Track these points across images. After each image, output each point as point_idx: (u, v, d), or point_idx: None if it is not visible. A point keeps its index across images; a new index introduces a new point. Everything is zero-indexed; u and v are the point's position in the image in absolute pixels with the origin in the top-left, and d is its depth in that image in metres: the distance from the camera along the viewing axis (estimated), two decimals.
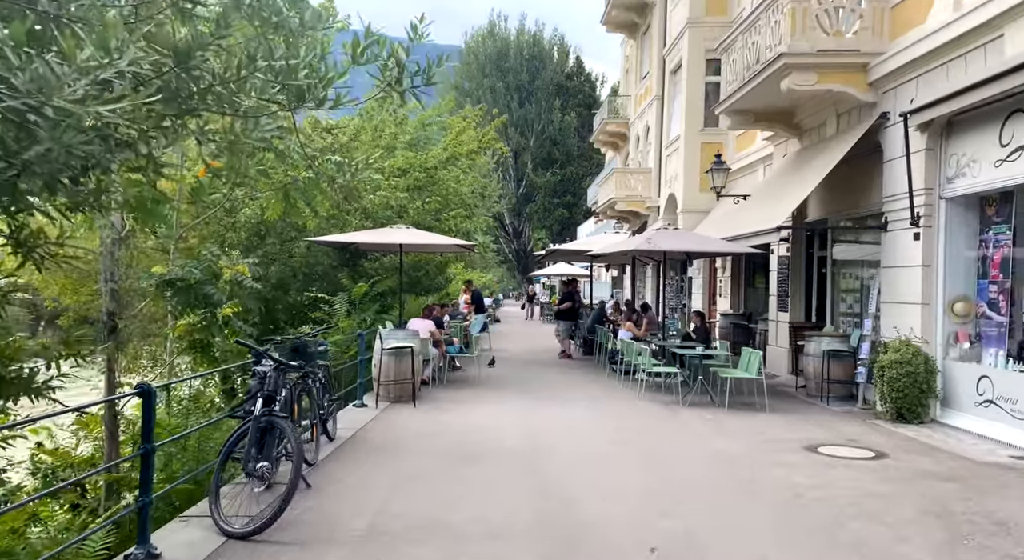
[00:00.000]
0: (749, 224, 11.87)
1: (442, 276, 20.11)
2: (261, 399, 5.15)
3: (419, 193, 15.33)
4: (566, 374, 14.24)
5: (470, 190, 16.80)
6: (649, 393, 11.36)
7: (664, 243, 11.38)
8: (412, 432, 8.40)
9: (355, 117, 16.19)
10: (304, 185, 9.37)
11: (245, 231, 13.20)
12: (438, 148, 16.67)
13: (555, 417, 9.47)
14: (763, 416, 9.76)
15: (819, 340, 11.25)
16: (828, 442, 8.10)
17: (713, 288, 20.84)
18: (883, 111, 10.27)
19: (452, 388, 12.02)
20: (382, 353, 10.28)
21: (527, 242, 65.36)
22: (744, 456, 7.38)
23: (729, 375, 10.25)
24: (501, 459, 7.10)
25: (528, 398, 10.97)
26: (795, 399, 11.36)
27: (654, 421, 9.38)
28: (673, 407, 10.36)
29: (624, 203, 27.31)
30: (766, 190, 13.47)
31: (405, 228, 12.33)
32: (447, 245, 13.02)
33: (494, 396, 11.17)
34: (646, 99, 28.31)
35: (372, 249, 13.95)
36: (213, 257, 7.02)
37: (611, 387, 12.37)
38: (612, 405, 10.55)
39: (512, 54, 67.28)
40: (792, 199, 10.97)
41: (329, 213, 12.70)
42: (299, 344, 6.69)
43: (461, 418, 9.27)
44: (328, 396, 7.77)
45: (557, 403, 10.60)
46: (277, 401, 5.25)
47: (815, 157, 11.88)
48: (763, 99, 12.30)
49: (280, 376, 5.60)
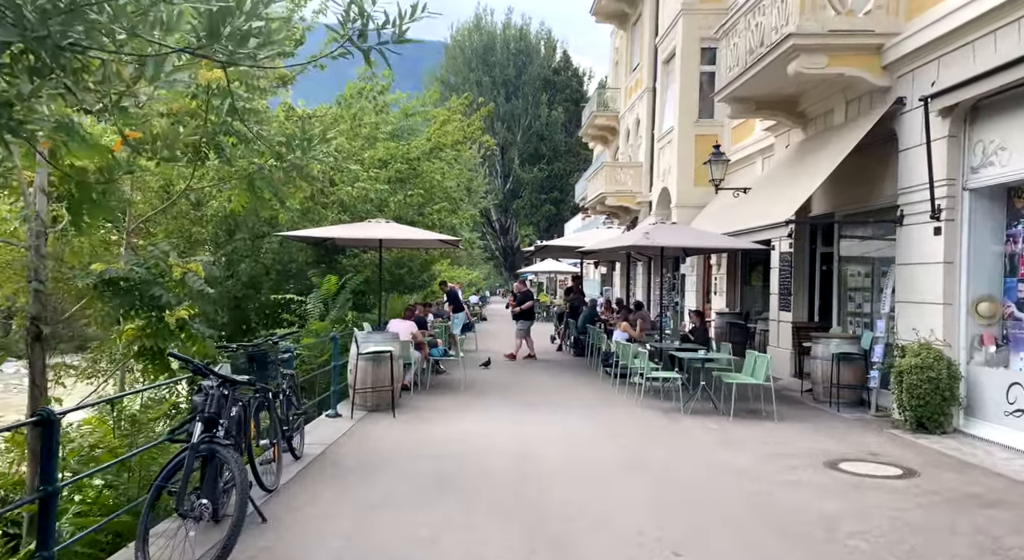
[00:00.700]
0: (753, 218, 11.12)
1: (426, 274, 19.27)
2: (201, 423, 4.31)
3: (401, 186, 14.48)
4: (557, 377, 13.45)
5: (456, 183, 15.97)
6: (647, 399, 10.60)
7: (662, 238, 10.62)
8: (389, 447, 7.58)
9: (332, 106, 15.31)
10: (271, 173, 8.51)
11: (213, 225, 12.29)
12: (421, 139, 15.81)
13: (546, 428, 8.67)
14: (771, 425, 9.02)
15: (827, 342, 10.53)
16: (848, 456, 7.35)
17: (707, 286, 20.13)
18: (899, 96, 9.54)
19: (435, 394, 11.21)
20: (358, 358, 9.45)
21: (514, 239, 64.61)
22: (759, 474, 6.62)
23: (734, 381, 9.50)
24: (486, 482, 6.29)
25: (517, 405, 10.17)
26: (802, 405, 10.63)
27: (654, 432, 8.61)
28: (673, 415, 9.60)
29: (614, 198, 26.57)
30: (769, 183, 12.73)
31: (385, 222, 11.49)
32: (430, 241, 12.20)
33: (480, 403, 10.37)
34: (636, 91, 27.57)
35: (350, 244, 13.09)
36: (161, 254, 6.16)
37: (605, 392, 11.60)
38: (608, 413, 9.77)
39: (498, 48, 66.56)
40: (801, 191, 10.22)
41: (303, 206, 11.82)
42: (257, 353, 5.85)
43: (443, 430, 8.46)
44: (294, 409, 6.94)
45: (548, 410, 9.81)
46: (221, 424, 4.42)
47: (823, 147, 11.14)
48: (767, 85, 11.55)
49: (230, 393, 4.77)
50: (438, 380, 12.58)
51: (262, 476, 5.78)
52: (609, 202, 26.80)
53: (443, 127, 16.02)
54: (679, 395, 10.61)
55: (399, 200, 13.57)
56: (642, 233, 10.94)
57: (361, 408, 9.55)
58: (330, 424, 8.72)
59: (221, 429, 4.40)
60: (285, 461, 6.68)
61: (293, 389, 7.00)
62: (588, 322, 16.96)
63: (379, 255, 11.97)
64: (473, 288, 44.04)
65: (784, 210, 10.09)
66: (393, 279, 16.26)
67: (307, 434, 7.95)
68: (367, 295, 15.86)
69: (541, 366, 15.28)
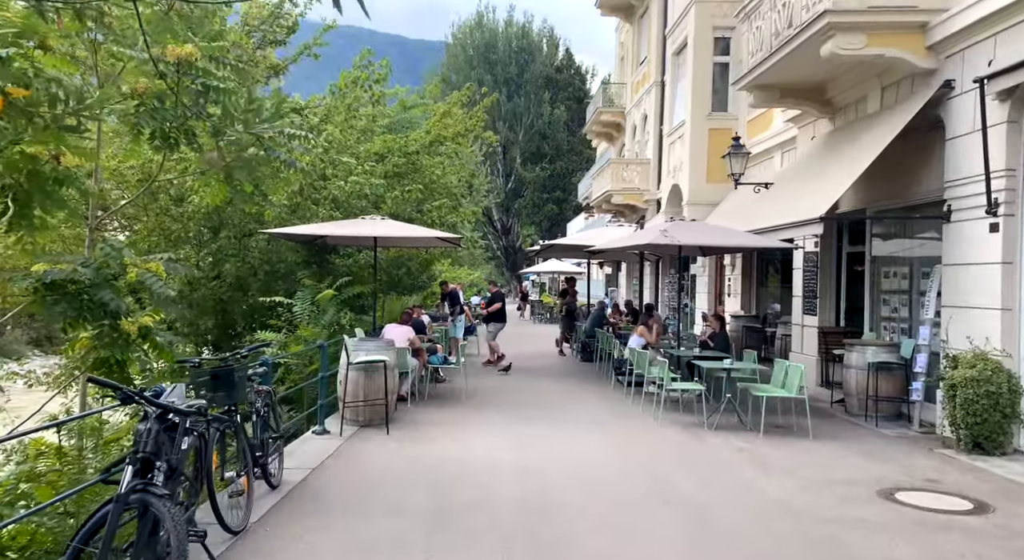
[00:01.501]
0: (780, 215, 10.21)
1: (426, 275, 18.36)
2: (132, 466, 3.42)
3: (399, 181, 13.57)
4: (565, 386, 12.54)
5: (457, 178, 15.06)
6: (665, 412, 9.68)
7: (682, 236, 9.71)
8: (380, 473, 6.67)
9: (326, 97, 14.39)
10: (251, 161, 7.63)
11: (195, 222, 11.39)
12: (420, 131, 14.91)
13: (556, 448, 7.77)
14: (806, 444, 8.12)
15: (863, 350, 9.63)
16: (903, 484, 6.45)
17: (719, 287, 19.23)
18: (947, 79, 8.63)
19: (434, 405, 10.31)
20: (348, 368, 8.55)
21: (516, 239, 63.80)
22: (810, 509, 5.71)
23: (764, 393, 8.59)
24: (489, 519, 5.39)
25: (523, 420, 9.26)
26: (834, 419, 9.73)
27: (679, 453, 7.70)
28: (696, 431, 8.69)
29: (620, 196, 25.67)
30: (794, 177, 11.82)
31: (380, 219, 10.61)
32: (429, 238, 11.31)
33: (483, 417, 9.47)
34: (644, 86, 26.67)
35: (343, 243, 12.19)
36: (112, 252, 5.27)
37: (619, 403, 10.69)
38: (624, 429, 8.87)
39: (500, 46, 65.95)
40: (836, 185, 9.31)
41: (291, 202, 10.91)
42: (222, 370, 4.96)
43: (442, 450, 7.56)
44: (271, 432, 6.05)
45: (558, 426, 8.90)
46: (159, 468, 3.51)
47: (856, 137, 10.24)
48: (794, 70, 10.65)
49: (181, 423, 3.89)
50: (437, 390, 11.68)
51: (228, 514, 4.89)
52: (615, 200, 25.91)
53: (443, 119, 15.11)
54: (700, 407, 9.72)
55: (396, 196, 12.66)
56: (659, 231, 10.04)
57: (352, 423, 8.66)
58: (316, 442, 7.82)
59: (160, 473, 3.50)
60: (260, 491, 5.79)
61: (270, 408, 6.11)
62: (596, 325, 16.05)
63: (374, 255, 11.10)
64: (475, 289, 43.15)
65: (816, 206, 9.18)
66: (391, 280, 15.36)
67: (290, 455, 7.08)
68: (364, 297, 14.98)
69: (548, 372, 14.37)
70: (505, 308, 14.57)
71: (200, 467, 4.37)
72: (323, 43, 16.26)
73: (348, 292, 10.76)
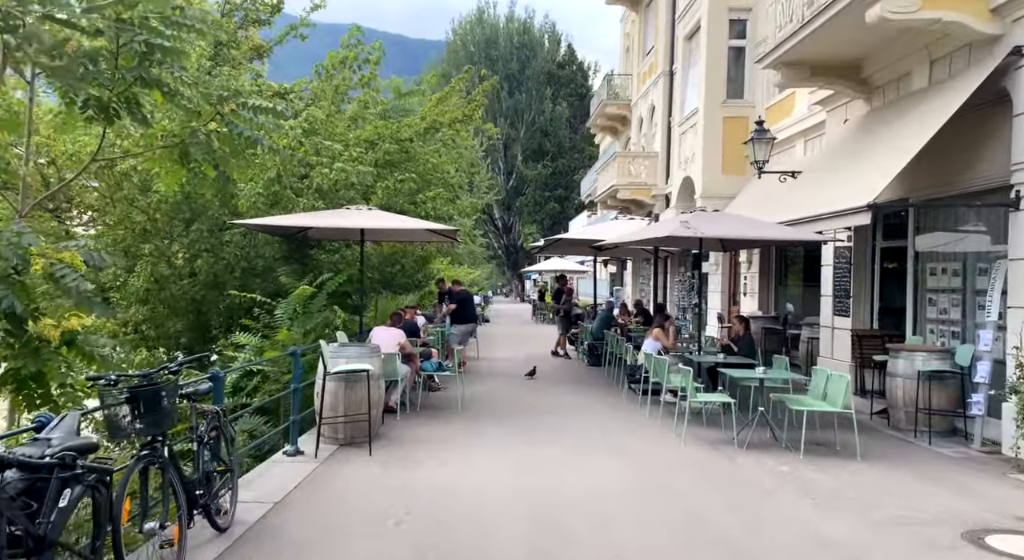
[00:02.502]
0: (817, 204, 9.09)
1: (421, 273, 17.25)
2: None
3: (391, 171, 12.44)
4: (573, 394, 11.41)
5: (454, 168, 13.93)
6: (688, 427, 8.56)
7: (705, 227, 8.59)
8: (356, 507, 5.56)
9: (312, 81, 13.26)
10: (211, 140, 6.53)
11: (162, 213, 10.27)
12: (415, 117, 13.78)
13: (565, 474, 6.64)
14: (855, 466, 7.00)
15: (911, 357, 8.51)
16: (990, 523, 5.33)
17: (734, 286, 18.11)
18: (1016, 45, 7.51)
19: (426, 417, 9.19)
20: (325, 378, 7.43)
21: (517, 237, 62.77)
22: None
23: (804, 407, 7.46)
24: None
25: (525, 437, 8.14)
26: (878, 434, 8.60)
27: (712, 480, 6.57)
28: (726, 450, 7.57)
29: (627, 191, 24.55)
30: (826, 165, 10.70)
31: (368, 209, 9.49)
32: (421, 231, 10.19)
33: (480, 433, 8.34)
34: (651, 76, 25.56)
35: (328, 237, 11.06)
36: (14, 238, 4.17)
37: (633, 416, 9.56)
38: (642, 449, 7.73)
39: (501, 42, 65.08)
40: (882, 171, 8.19)
41: (268, 191, 9.78)
42: (143, 391, 3.84)
43: (432, 476, 6.43)
44: (219, 462, 4.93)
45: (568, 444, 7.77)
46: None
47: (900, 117, 9.13)
48: (830, 44, 9.55)
49: (55, 476, 2.78)
50: (431, 399, 10.55)
51: None
52: (621, 196, 24.79)
53: (440, 105, 13.98)
54: (726, 421, 8.60)
55: (387, 186, 11.52)
56: (679, 222, 8.92)
57: (331, 441, 7.54)
58: (286, 467, 6.70)
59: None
60: (204, 536, 4.69)
61: (219, 432, 4.99)
62: (604, 327, 14.94)
63: (361, 249, 9.99)
64: (475, 288, 42.05)
65: (861, 194, 8.06)
66: (383, 278, 14.25)
67: (251, 484, 5.98)
68: (351, 297, 13.87)
69: (552, 378, 13.25)
70: (473, 309, 13.12)
71: (101, 530, 3.26)
72: (310, 24, 15.16)
73: (330, 287, 9.65)
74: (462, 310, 12.98)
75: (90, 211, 11.85)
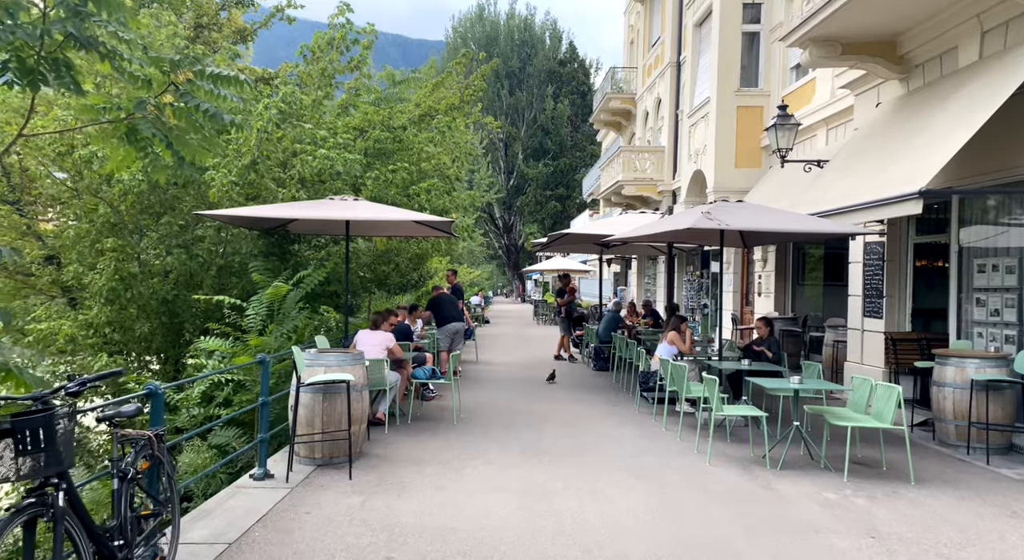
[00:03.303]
0: (853, 193, 8.14)
1: (417, 272, 16.30)
2: None
3: (382, 160, 11.49)
4: (579, 403, 10.46)
5: (451, 158, 12.97)
6: (713, 442, 7.61)
7: (731, 219, 7.64)
8: (326, 554, 4.61)
9: (298, 65, 12.31)
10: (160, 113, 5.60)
11: (128, 204, 9.31)
12: (409, 104, 12.82)
13: (580, 507, 5.69)
14: (910, 493, 6.04)
15: (962, 363, 7.55)
16: None
17: (746, 285, 17.16)
18: None
19: (418, 430, 8.24)
20: (299, 390, 6.48)
21: (518, 237, 61.93)
22: None
23: (848, 423, 6.50)
24: None
25: (530, 456, 7.19)
26: (925, 450, 7.64)
27: (748, 514, 5.62)
28: (758, 473, 6.61)
29: (633, 187, 23.67)
30: (859, 152, 9.74)
31: (353, 200, 8.54)
32: (412, 223, 9.25)
33: (478, 452, 7.39)
34: (657, 68, 24.66)
35: (311, 231, 10.10)
36: None
37: (648, 429, 8.60)
38: (663, 471, 6.77)
39: (502, 39, 64.42)
40: (933, 154, 7.23)
41: (243, 179, 8.81)
42: (21, 421, 2.90)
43: (420, 510, 5.48)
44: (153, 500, 3.99)
45: (576, 467, 6.81)
46: None
47: (947, 97, 8.17)
48: (866, 15, 8.60)
49: None
50: (424, 409, 9.60)
51: None
52: (626, 192, 23.90)
53: (436, 92, 13.03)
54: (752, 434, 7.66)
55: (377, 176, 10.56)
56: (700, 213, 7.98)
57: (307, 461, 6.60)
58: (250, 495, 5.75)
59: None
60: None
61: (154, 463, 4.05)
62: (611, 329, 13.99)
63: (346, 243, 9.04)
64: (475, 288, 41.12)
65: (909, 180, 7.12)
66: (375, 277, 13.30)
67: (212, 513, 5.07)
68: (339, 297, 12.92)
69: (556, 385, 12.30)
70: (451, 308, 12.00)
71: None
72: (298, 5, 14.21)
73: (308, 285, 8.70)
74: (440, 311, 11.97)
75: (56, 204, 10.91)
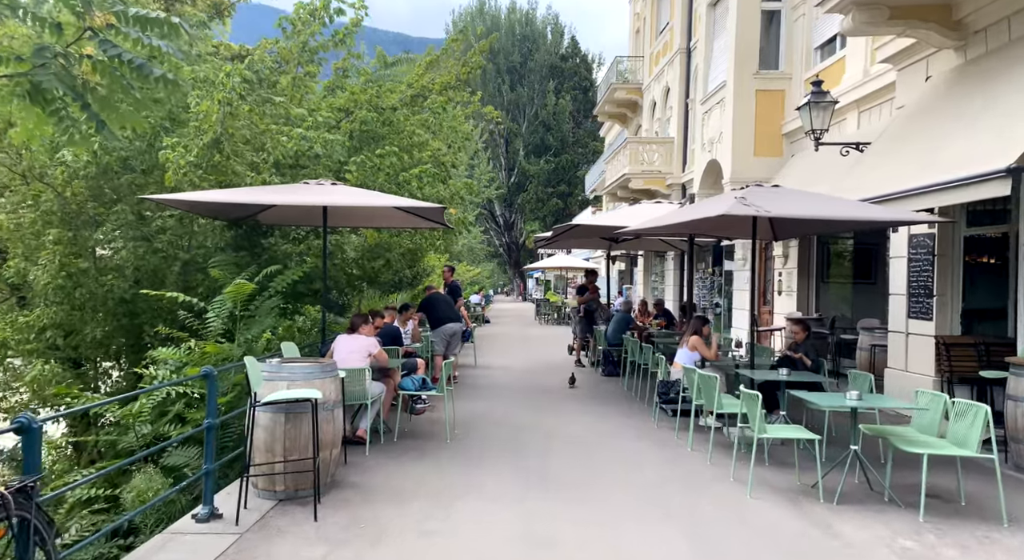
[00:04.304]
0: (914, 176, 6.98)
1: (413, 270, 15.14)
2: None
3: (370, 146, 10.33)
4: (590, 416, 9.29)
5: (447, 145, 11.79)
6: (744, 466, 6.46)
7: (772, 205, 6.49)
8: None
9: (277, 40, 11.13)
10: (70, 64, 4.48)
11: (75, 190, 8.14)
12: (401, 84, 11.65)
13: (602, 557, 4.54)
14: (1005, 538, 4.90)
15: None
16: None
17: (763, 283, 16.01)
18: None
19: (404, 452, 7.08)
20: (254, 409, 5.33)
21: (519, 235, 60.84)
22: None
23: (924, 450, 5.34)
24: None
25: (536, 487, 6.02)
26: (995, 476, 6.47)
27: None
28: (813, 510, 5.45)
29: (640, 180, 22.51)
30: (910, 132, 8.58)
31: (330, 184, 7.39)
32: (400, 209, 8.10)
33: (474, 479, 6.23)
34: (665, 55, 23.50)
35: (284, 221, 8.93)
36: None
37: (670, 448, 7.44)
38: (697, 508, 5.61)
39: (503, 34, 63.32)
40: (1013, 127, 6.08)
41: (203, 160, 7.59)
42: None
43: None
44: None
45: (592, 504, 5.65)
46: None
47: (1014, 66, 7.01)
48: None
49: None
50: (414, 424, 8.44)
51: None
52: (633, 185, 22.74)
53: (430, 70, 11.86)
54: (801, 458, 6.51)
55: (362, 162, 9.39)
56: (733, 199, 6.83)
57: (267, 495, 5.46)
58: (185, 546, 4.59)
59: None
60: None
61: (22, 529, 2.90)
62: (622, 331, 12.83)
63: (323, 234, 7.89)
64: (476, 287, 39.98)
65: (995, 155, 5.96)
66: (365, 274, 12.14)
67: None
68: (341, 292, 11.77)
69: (562, 394, 11.14)
70: (446, 308, 10.85)
71: None
72: None
73: (280, 284, 7.56)
74: (434, 312, 10.82)
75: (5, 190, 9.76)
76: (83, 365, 9.69)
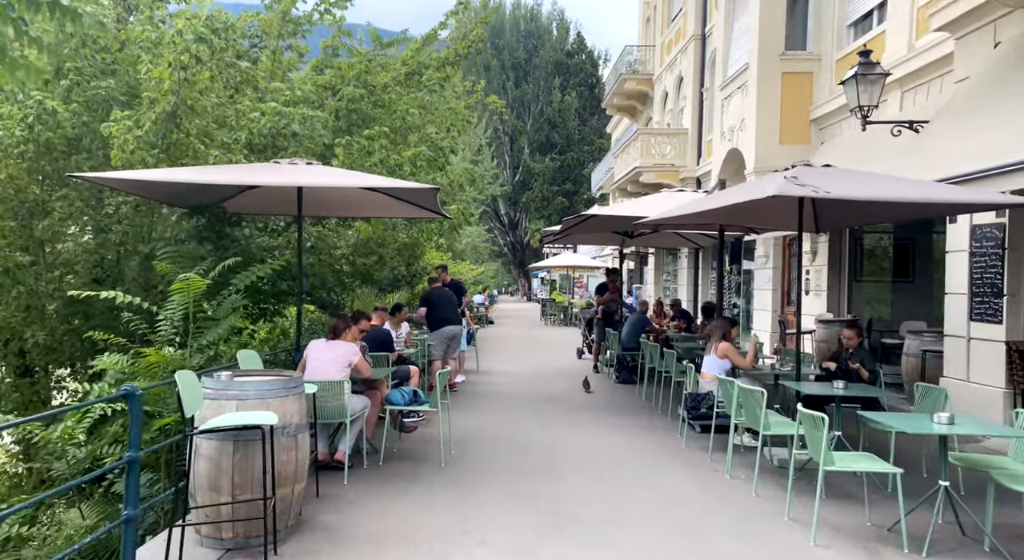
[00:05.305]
0: (994, 153, 5.83)
1: (410, 268, 14.04)
2: None
3: (359, 127, 9.20)
4: (605, 431, 8.11)
5: (445, 126, 10.66)
6: (798, 501, 5.30)
7: (831, 185, 5.35)
8: None
9: (258, 13, 10.01)
10: None
11: (11, 171, 7.01)
12: (396, 61, 10.52)
13: None
14: None
15: None
16: None
17: (787, 282, 14.85)
18: None
19: (389, 480, 5.95)
20: (191, 439, 4.20)
21: (524, 234, 59.73)
22: None
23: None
24: None
25: (549, 528, 4.89)
26: None
27: None
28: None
29: (652, 174, 21.40)
30: (980, 106, 7.42)
31: (305, 163, 6.27)
32: (387, 194, 6.98)
33: (472, 517, 5.09)
34: (678, 43, 22.35)
35: (255, 210, 7.78)
36: None
37: (704, 473, 6.29)
38: (745, 556, 4.48)
39: (508, 30, 62.43)
40: None
41: (161, 137, 6.41)
42: None
43: None
44: None
45: (621, 549, 4.52)
46: None
47: None
48: None
49: None
50: (404, 443, 7.30)
51: None
52: (644, 179, 21.62)
53: (426, 46, 10.72)
54: (870, 492, 5.35)
55: (349, 143, 8.25)
56: (783, 179, 5.70)
57: (212, 544, 4.33)
58: None
59: None
60: None
61: None
62: (637, 334, 11.67)
63: (298, 222, 6.77)
64: (480, 286, 38.82)
65: None
66: (355, 271, 11.00)
67: None
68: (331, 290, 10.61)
69: (573, 404, 10.00)
70: (449, 308, 9.76)
71: None
72: None
73: (244, 280, 6.44)
74: (434, 311, 9.71)
75: None
76: (36, 373, 8.60)
